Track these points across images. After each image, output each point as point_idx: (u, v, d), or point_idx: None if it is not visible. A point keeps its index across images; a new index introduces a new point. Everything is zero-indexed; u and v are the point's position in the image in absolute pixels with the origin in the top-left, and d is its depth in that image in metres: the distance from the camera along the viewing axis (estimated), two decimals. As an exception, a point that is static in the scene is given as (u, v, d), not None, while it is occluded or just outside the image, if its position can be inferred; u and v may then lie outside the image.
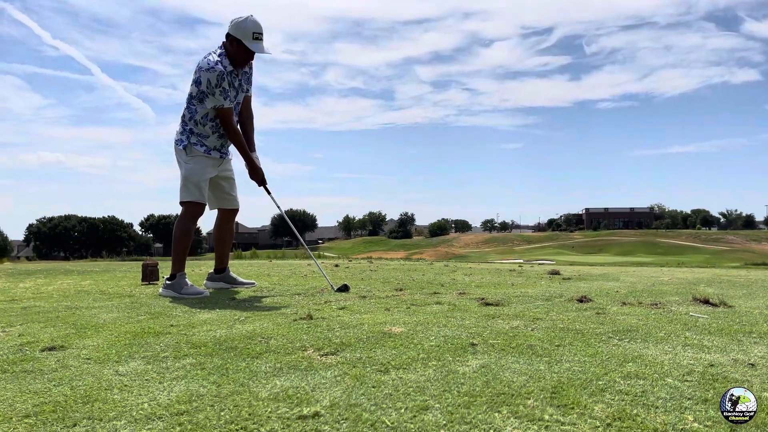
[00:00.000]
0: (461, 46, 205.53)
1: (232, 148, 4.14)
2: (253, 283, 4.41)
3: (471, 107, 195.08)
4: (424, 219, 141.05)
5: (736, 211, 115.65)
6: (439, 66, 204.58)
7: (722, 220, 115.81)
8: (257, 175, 4.06)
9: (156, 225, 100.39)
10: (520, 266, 7.69)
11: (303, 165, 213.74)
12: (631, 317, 2.67)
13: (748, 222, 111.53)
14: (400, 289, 3.99)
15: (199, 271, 6.03)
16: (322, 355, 1.93)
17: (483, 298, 3.39)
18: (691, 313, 2.77)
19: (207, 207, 4.04)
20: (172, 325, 2.55)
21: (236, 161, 4.23)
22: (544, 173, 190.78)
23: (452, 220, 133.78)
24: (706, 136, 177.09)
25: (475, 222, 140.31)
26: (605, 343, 2.10)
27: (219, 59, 3.75)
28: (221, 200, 4.19)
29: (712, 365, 1.80)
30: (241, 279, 4.40)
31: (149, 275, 4.74)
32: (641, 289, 4.03)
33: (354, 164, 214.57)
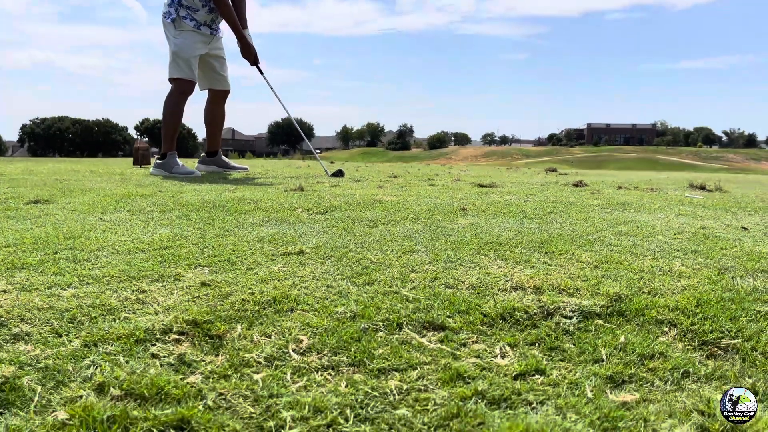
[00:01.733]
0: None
1: (223, 25, 3.95)
2: (246, 168, 4.36)
3: (477, 14, 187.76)
4: (423, 131, 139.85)
5: (738, 129, 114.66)
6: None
7: (724, 138, 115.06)
8: (249, 54, 3.91)
9: (152, 129, 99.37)
10: (517, 168, 7.65)
11: (301, 71, 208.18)
12: (626, 196, 2.64)
13: (750, 141, 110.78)
14: (395, 176, 3.96)
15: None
16: (312, 214, 1.91)
17: (478, 182, 3.36)
18: (686, 194, 2.75)
19: (197, 86, 3.91)
20: (160, 191, 2.52)
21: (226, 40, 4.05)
22: (548, 86, 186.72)
23: (452, 133, 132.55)
24: (717, 52, 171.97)
25: (475, 135, 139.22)
26: (598, 212, 2.08)
27: None
28: (212, 80, 4.05)
29: (704, 228, 1.78)
30: (233, 163, 4.34)
31: (141, 159, 4.68)
32: (638, 180, 4.00)
33: (353, 72, 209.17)
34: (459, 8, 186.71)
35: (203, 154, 4.35)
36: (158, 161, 3.80)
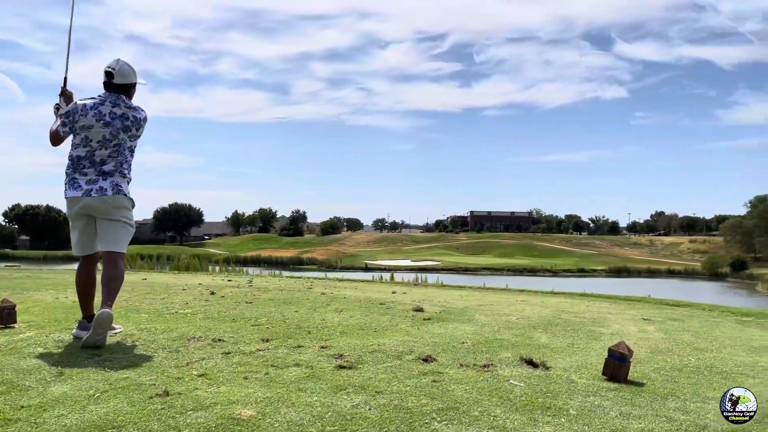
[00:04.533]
0: (358, 46, 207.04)
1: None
2: (119, 329, 4.39)
3: (366, 107, 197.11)
4: (316, 216, 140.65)
5: (603, 217, 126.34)
6: (335, 63, 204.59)
7: (591, 225, 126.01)
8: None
9: (23, 216, 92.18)
10: (393, 293, 8.12)
11: (191, 156, 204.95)
12: (459, 388, 3.05)
13: (613, 228, 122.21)
14: (267, 340, 4.17)
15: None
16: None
17: (341, 355, 3.67)
18: (511, 381, 3.21)
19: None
20: (22, 407, 2.57)
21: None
22: (433, 175, 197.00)
23: (344, 219, 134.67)
24: (580, 147, 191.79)
25: (367, 221, 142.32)
26: (426, 427, 2.44)
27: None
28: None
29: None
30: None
31: (5, 318, 4.54)
32: (484, 338, 4.50)
33: (245, 158, 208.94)
34: (349, 100, 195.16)
35: (83, 318, 4.30)
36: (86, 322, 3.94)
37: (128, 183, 4.28)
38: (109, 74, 4.20)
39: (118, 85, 4.22)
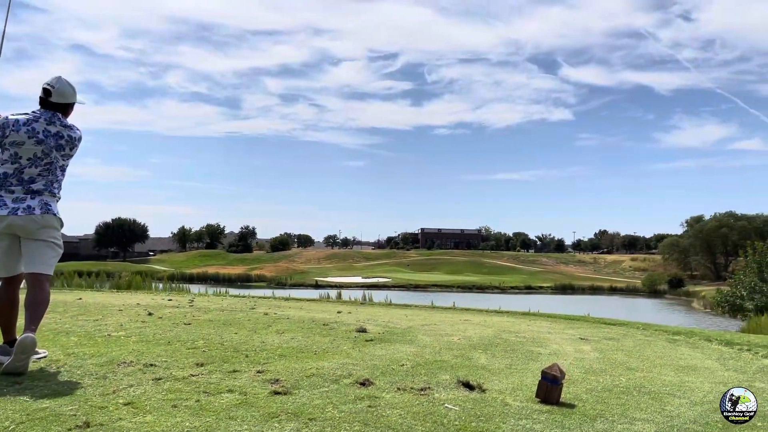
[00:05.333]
0: (311, 62, 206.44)
1: None
2: (44, 354, 4.18)
3: (318, 123, 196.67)
4: (266, 233, 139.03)
5: (549, 235, 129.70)
6: (288, 79, 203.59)
7: (538, 243, 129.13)
8: None
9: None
10: (338, 313, 8.06)
11: (137, 170, 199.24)
12: (394, 413, 3.03)
13: (559, 246, 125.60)
14: (202, 364, 4.05)
15: None
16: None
17: (277, 380, 3.60)
18: (446, 405, 3.22)
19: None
20: (-75, 443, 2.41)
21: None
22: (385, 192, 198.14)
23: (295, 235, 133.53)
24: (527, 167, 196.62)
25: (318, 237, 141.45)
26: (357, 456, 2.41)
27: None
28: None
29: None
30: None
31: None
32: (425, 360, 4.51)
33: (194, 172, 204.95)
34: (301, 116, 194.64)
35: (4, 343, 4.08)
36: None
37: (57, 202, 4.12)
38: (47, 92, 4.03)
39: (55, 104, 4.07)
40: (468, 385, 3.62)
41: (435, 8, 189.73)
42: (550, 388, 3.37)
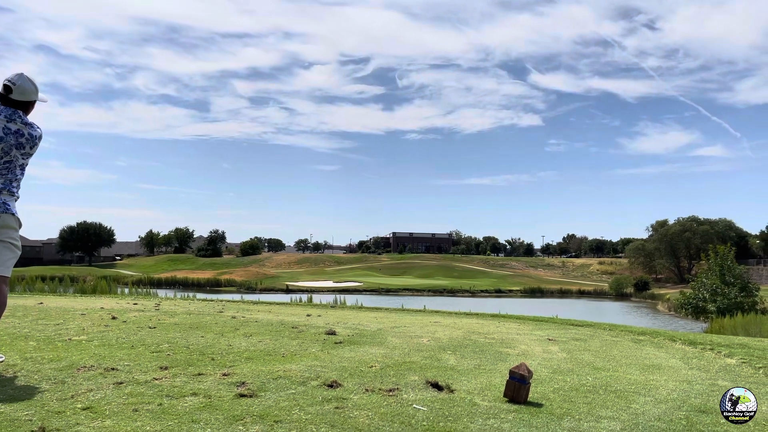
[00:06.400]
0: (281, 66, 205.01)
1: None
2: (1, 358, 4.04)
3: (289, 126, 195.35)
4: (236, 237, 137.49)
5: (519, 239, 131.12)
6: (258, 82, 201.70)
7: (508, 247, 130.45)
8: None
9: None
10: (308, 316, 7.98)
11: (102, 173, 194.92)
12: (362, 414, 3.00)
13: (529, 250, 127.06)
14: (165, 368, 3.96)
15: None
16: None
17: (243, 383, 3.53)
18: (414, 405, 3.20)
19: None
20: None
21: None
22: (357, 196, 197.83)
23: (265, 239, 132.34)
24: (498, 171, 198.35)
25: (289, 241, 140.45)
26: None
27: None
28: None
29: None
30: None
31: None
32: (393, 361, 4.48)
33: (161, 176, 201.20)
34: (272, 119, 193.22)
35: None
36: None
37: (16, 201, 3.99)
38: (7, 88, 3.90)
39: (16, 101, 3.95)
40: (437, 386, 3.61)
41: (405, 14, 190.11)
42: (517, 387, 3.38)
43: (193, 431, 2.63)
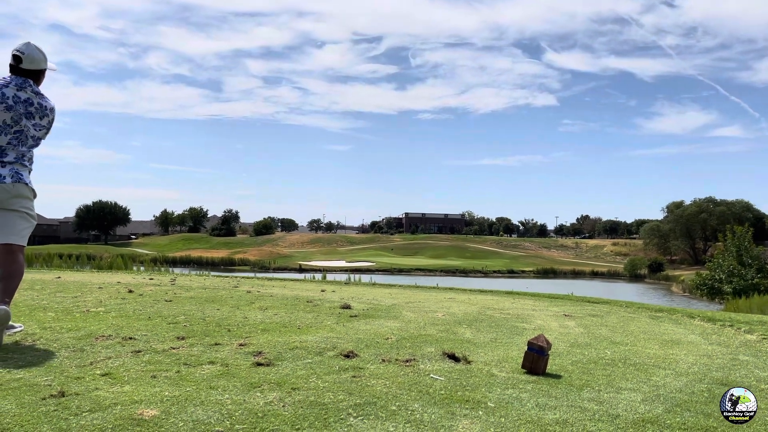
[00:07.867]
0: (294, 45, 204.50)
1: None
2: (20, 327, 4.06)
3: (302, 106, 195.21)
4: (249, 216, 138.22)
5: (532, 220, 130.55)
6: (270, 61, 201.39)
7: (521, 228, 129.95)
8: None
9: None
10: (322, 291, 7.99)
11: (117, 152, 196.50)
12: (379, 383, 2.98)
13: (542, 231, 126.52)
14: (182, 338, 3.97)
15: None
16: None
17: (260, 352, 3.54)
18: (431, 375, 3.18)
19: None
20: None
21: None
22: (369, 176, 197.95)
23: (279, 219, 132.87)
24: (511, 152, 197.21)
25: (302, 221, 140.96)
26: (341, 423, 2.36)
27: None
28: None
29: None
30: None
31: None
32: (409, 334, 4.47)
33: (176, 155, 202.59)
34: (284, 99, 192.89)
35: None
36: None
37: (29, 173, 3.98)
38: (17, 58, 3.87)
39: (26, 71, 3.92)
40: (453, 357, 3.58)
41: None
42: (536, 358, 3.35)
43: (211, 396, 2.63)
